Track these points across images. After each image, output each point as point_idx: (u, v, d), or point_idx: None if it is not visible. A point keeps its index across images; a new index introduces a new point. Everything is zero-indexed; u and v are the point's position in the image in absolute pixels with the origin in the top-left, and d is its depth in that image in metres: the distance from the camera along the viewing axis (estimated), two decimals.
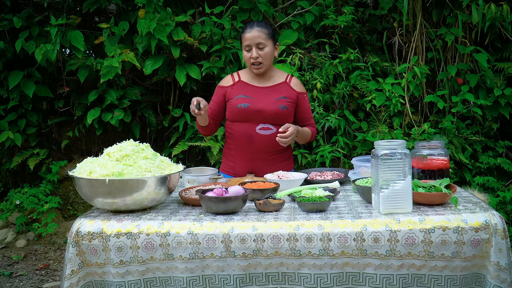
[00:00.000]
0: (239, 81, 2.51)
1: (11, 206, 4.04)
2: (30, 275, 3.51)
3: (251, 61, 2.40)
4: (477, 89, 3.64)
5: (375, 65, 3.72)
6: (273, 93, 2.46)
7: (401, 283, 1.62)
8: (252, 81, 2.50)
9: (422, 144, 2.09)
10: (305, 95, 2.54)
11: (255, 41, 2.36)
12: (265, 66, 2.42)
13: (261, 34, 2.37)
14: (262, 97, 2.43)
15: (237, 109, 2.42)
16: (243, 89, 2.47)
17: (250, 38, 2.36)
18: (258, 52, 2.38)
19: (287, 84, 2.50)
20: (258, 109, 2.39)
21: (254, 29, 2.37)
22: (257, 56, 2.38)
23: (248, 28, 2.39)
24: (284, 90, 2.47)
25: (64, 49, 4.08)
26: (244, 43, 2.40)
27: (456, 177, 3.61)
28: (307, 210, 1.77)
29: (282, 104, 2.41)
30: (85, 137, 4.28)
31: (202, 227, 1.65)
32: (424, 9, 3.73)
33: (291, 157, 2.61)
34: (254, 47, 2.37)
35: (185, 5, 3.95)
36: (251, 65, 2.41)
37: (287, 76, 2.54)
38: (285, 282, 1.65)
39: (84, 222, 1.71)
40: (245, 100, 2.42)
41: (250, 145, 2.43)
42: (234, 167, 2.50)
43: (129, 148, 1.85)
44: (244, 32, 2.40)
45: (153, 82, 4.06)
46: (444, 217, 1.63)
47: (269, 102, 2.41)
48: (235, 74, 2.56)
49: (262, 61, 2.39)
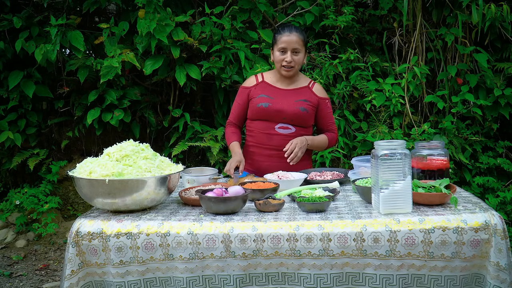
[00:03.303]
0: (262, 82, 2.55)
1: (11, 206, 4.04)
2: (30, 275, 3.51)
3: (283, 63, 2.43)
4: (477, 89, 3.65)
5: (375, 65, 3.72)
6: (295, 95, 2.49)
7: (401, 283, 1.62)
8: (275, 83, 2.53)
9: (422, 144, 2.09)
10: (327, 101, 2.57)
11: (292, 46, 2.39)
12: (295, 70, 2.47)
13: (299, 40, 2.41)
14: (283, 98, 2.47)
15: (257, 108, 2.45)
16: (266, 90, 2.51)
17: (288, 42, 2.39)
18: (293, 57, 2.41)
19: (309, 88, 2.54)
20: (279, 109, 2.42)
21: (293, 33, 2.40)
22: (291, 61, 2.41)
23: (287, 31, 2.42)
24: (305, 94, 2.51)
25: (64, 49, 4.09)
26: (279, 44, 2.41)
27: (456, 177, 3.61)
28: (307, 210, 1.77)
29: (302, 106, 2.45)
30: (85, 137, 4.28)
31: (202, 227, 1.65)
32: (424, 9, 3.74)
33: (309, 157, 2.62)
34: (289, 51, 2.40)
35: (185, 5, 3.95)
36: (282, 67, 2.44)
37: (310, 81, 2.58)
38: (285, 282, 1.65)
39: (84, 222, 1.71)
40: (266, 99, 2.46)
41: (269, 143, 2.46)
42: (253, 164, 2.52)
43: (129, 148, 1.85)
44: (282, 34, 2.42)
45: (153, 82, 4.06)
46: (444, 217, 1.63)
47: (289, 103, 2.45)
48: (259, 75, 2.59)
49: (294, 65, 2.43)
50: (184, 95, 4.14)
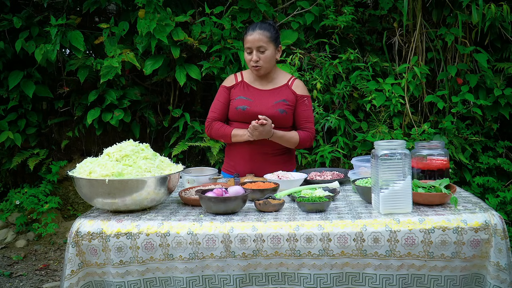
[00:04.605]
0: (241, 82, 2.51)
1: (11, 206, 4.04)
2: (30, 275, 3.51)
3: (251, 63, 2.40)
4: (477, 89, 3.64)
5: (375, 65, 3.72)
6: (273, 96, 2.45)
7: (400, 283, 1.62)
8: (254, 83, 2.50)
9: (422, 144, 2.09)
10: (305, 98, 2.48)
11: (255, 44, 2.35)
12: (265, 69, 2.42)
13: (262, 37, 2.35)
14: (262, 100, 2.43)
15: (236, 110, 2.43)
16: (244, 91, 2.47)
17: (251, 41, 2.36)
18: (259, 55, 2.37)
19: (289, 86, 2.49)
20: (257, 112, 2.38)
21: (256, 32, 2.36)
22: (257, 60, 2.37)
23: (250, 30, 2.38)
24: (284, 93, 2.46)
25: (64, 49, 4.09)
26: (245, 45, 2.40)
27: (456, 177, 3.61)
28: (307, 210, 1.77)
29: (281, 108, 2.41)
30: (85, 137, 4.28)
31: (202, 227, 1.65)
32: (424, 9, 3.73)
33: (292, 158, 2.60)
34: (255, 50, 2.36)
35: (185, 5, 3.95)
36: (252, 67, 2.42)
37: (290, 78, 2.52)
38: (285, 282, 1.65)
39: (84, 222, 1.71)
40: (244, 102, 2.43)
41: (251, 145, 2.43)
42: (235, 167, 2.50)
43: (129, 148, 1.85)
44: (246, 34, 2.39)
45: (153, 82, 4.06)
46: (444, 217, 1.63)
47: (268, 106, 2.41)
48: (239, 74, 2.55)
49: (262, 64, 2.39)
50: (184, 95, 4.14)
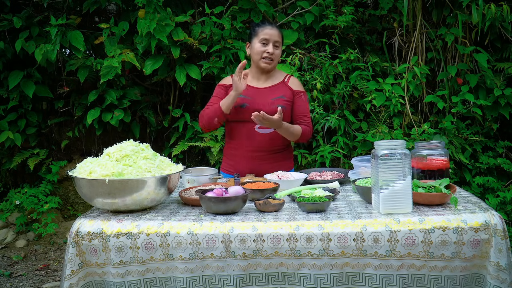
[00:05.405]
0: None
1: (11, 206, 4.04)
2: (30, 275, 3.51)
3: (264, 55, 2.44)
4: (477, 89, 3.64)
5: (375, 65, 3.72)
6: (271, 93, 2.48)
7: (401, 283, 1.62)
8: (251, 82, 2.52)
9: (422, 144, 2.09)
10: (301, 94, 2.55)
11: (274, 39, 2.44)
12: (274, 64, 2.49)
13: (280, 35, 2.47)
14: (260, 97, 2.46)
15: (235, 109, 2.44)
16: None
17: (270, 34, 2.43)
18: (274, 50, 2.45)
19: (285, 83, 2.54)
20: (256, 109, 2.39)
21: (275, 28, 2.47)
22: (273, 52, 2.44)
23: (269, 25, 2.47)
24: (281, 90, 2.50)
25: (64, 49, 4.09)
26: (261, 36, 2.43)
27: (456, 177, 3.61)
28: (307, 210, 1.77)
29: (279, 103, 2.43)
30: (85, 137, 4.28)
31: (202, 227, 1.65)
32: (424, 9, 3.73)
33: (291, 156, 2.61)
34: (271, 43, 2.43)
35: (185, 5, 3.95)
36: (262, 59, 2.45)
37: (286, 75, 2.58)
38: (285, 282, 1.65)
39: (84, 222, 1.71)
40: (243, 100, 2.44)
41: (250, 144, 2.44)
42: (235, 166, 2.51)
43: (129, 148, 1.85)
44: (264, 27, 2.45)
45: (153, 82, 4.06)
46: (444, 217, 1.63)
47: (266, 102, 2.44)
48: None
49: (274, 58, 2.46)
50: (184, 95, 4.15)
